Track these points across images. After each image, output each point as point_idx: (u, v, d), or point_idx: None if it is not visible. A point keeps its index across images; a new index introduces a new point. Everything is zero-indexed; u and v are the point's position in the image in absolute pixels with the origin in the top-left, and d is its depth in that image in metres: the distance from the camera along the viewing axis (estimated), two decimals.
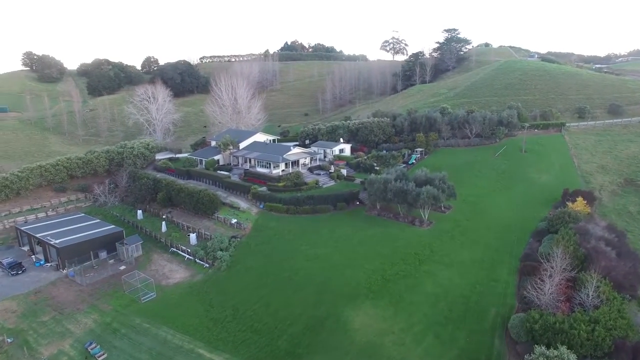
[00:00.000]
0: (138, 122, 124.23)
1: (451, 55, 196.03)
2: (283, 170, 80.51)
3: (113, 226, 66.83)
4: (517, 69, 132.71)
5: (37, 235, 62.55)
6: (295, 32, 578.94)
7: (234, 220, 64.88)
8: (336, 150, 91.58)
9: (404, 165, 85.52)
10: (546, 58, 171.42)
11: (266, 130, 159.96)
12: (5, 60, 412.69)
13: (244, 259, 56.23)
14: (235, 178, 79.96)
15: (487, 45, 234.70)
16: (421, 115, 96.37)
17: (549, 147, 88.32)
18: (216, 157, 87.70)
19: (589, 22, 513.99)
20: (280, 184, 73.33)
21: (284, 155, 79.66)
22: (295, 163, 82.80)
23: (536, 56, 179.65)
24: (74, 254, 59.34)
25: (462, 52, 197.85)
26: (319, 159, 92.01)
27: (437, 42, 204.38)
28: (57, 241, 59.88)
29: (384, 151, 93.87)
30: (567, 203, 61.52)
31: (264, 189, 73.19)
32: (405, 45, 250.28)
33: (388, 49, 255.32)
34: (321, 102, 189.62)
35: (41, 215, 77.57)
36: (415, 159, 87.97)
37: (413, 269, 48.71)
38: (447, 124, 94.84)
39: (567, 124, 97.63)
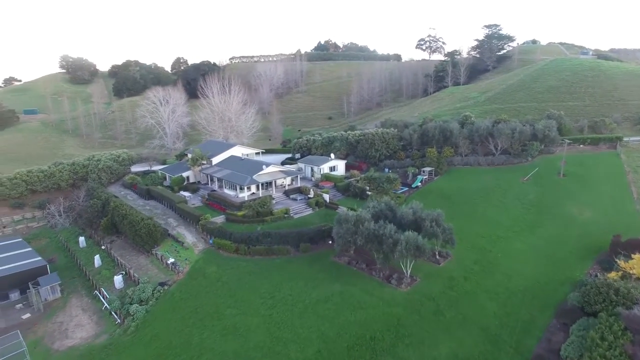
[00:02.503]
0: (149, 126, 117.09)
1: (491, 54, 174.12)
2: (253, 194, 67.05)
3: (39, 259, 56.60)
4: (565, 68, 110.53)
5: None
6: (330, 31, 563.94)
7: (170, 260, 52.22)
8: (325, 168, 76.65)
9: (404, 189, 69.12)
10: (604, 55, 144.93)
11: (285, 135, 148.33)
12: (47, 64, 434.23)
13: (158, 319, 43.21)
14: (195, 201, 67.61)
15: (534, 42, 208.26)
16: (434, 126, 79.03)
17: (598, 170, 68.21)
18: (185, 174, 75.92)
19: None
20: (240, 213, 59.91)
21: (254, 176, 66.07)
22: (270, 184, 69.04)
23: (590, 53, 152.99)
24: None
25: (503, 51, 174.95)
26: (306, 178, 77.73)
27: (476, 40, 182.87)
28: None
29: (385, 170, 77.96)
30: (618, 259, 42.94)
31: (220, 218, 60.17)
32: (443, 43, 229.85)
33: (424, 47, 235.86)
34: (346, 104, 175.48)
35: None
36: (421, 181, 71.27)
37: None
38: (466, 137, 76.96)
39: (624, 139, 76.33)
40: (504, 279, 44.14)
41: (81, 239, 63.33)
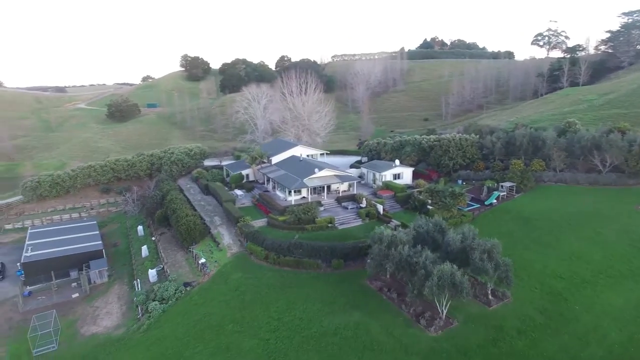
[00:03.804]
0: (243, 121, 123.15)
1: (628, 48, 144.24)
2: (303, 198, 63.54)
3: (98, 243, 60.93)
4: None
5: (27, 243, 60.61)
6: (437, 28, 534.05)
7: (201, 260, 51.34)
8: (388, 175, 69.33)
9: (475, 206, 58.74)
10: None
11: (377, 135, 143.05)
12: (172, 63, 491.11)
13: (170, 321, 42.07)
14: (245, 200, 66.56)
15: None
16: (522, 134, 65.95)
17: None
18: (245, 172, 75.72)
19: None
20: (281, 218, 56.71)
21: (304, 179, 62.33)
22: (322, 189, 64.62)
23: None
24: (40, 271, 54.69)
25: None
26: (368, 185, 71.56)
27: (609, 32, 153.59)
28: (27, 254, 56.25)
29: (459, 181, 67.85)
30: None
31: (263, 221, 57.77)
32: (565, 38, 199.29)
33: (542, 43, 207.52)
34: (444, 105, 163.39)
35: (75, 215, 78.29)
36: (497, 198, 59.87)
37: None
38: (563, 149, 62.63)
39: None
40: (576, 344, 32.99)
41: (139, 227, 66.89)
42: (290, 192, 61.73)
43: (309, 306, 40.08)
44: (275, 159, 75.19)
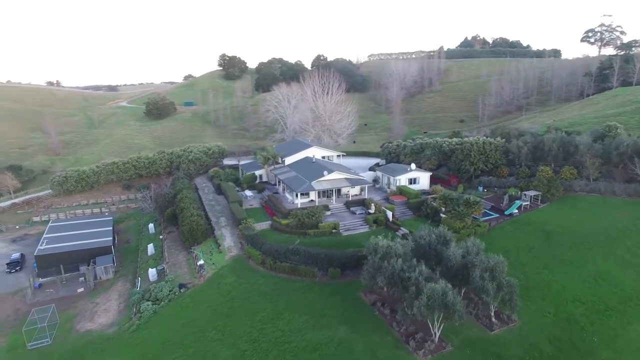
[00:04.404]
0: (273, 119, 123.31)
1: None
2: (312, 201, 61.53)
3: (109, 239, 62.00)
4: None
5: (43, 236, 62.79)
6: (478, 26, 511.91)
7: (200, 262, 50.62)
8: (403, 179, 65.67)
9: (494, 215, 54.17)
10: None
11: (408, 137, 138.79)
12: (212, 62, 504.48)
13: (158, 323, 41.41)
14: (254, 202, 65.42)
15: None
16: (552, 138, 60.15)
17: None
18: (258, 172, 74.71)
19: None
20: (284, 222, 54.93)
21: (312, 182, 60.24)
22: (332, 192, 62.21)
23: None
24: (51, 264, 56.30)
25: None
26: (382, 189, 68.38)
27: None
28: (41, 247, 58.08)
29: (479, 188, 63.20)
30: None
31: (266, 224, 56.30)
32: (621, 33, 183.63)
33: (593, 40, 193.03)
34: (481, 107, 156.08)
35: (96, 210, 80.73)
36: (518, 208, 54.85)
37: None
38: (599, 155, 56.43)
39: None
40: None
41: (151, 225, 67.56)
42: (297, 194, 59.84)
43: (295, 317, 37.99)
44: (289, 160, 73.64)
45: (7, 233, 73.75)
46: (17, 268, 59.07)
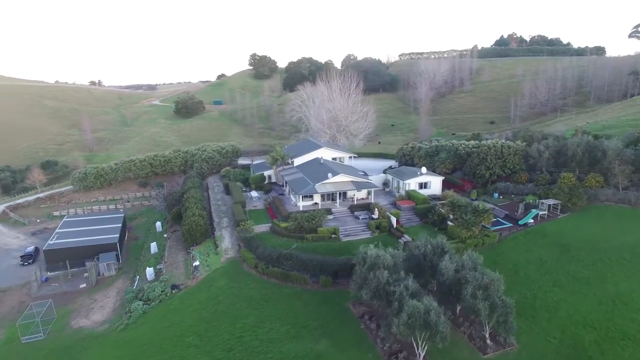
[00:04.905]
0: (297, 119, 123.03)
1: None
2: (315, 204, 59.70)
3: (115, 236, 62.84)
4: None
5: (56, 231, 64.54)
6: (515, 23, 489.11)
7: (195, 263, 50.07)
8: (412, 183, 62.53)
9: (507, 225, 50.33)
10: None
11: (435, 137, 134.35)
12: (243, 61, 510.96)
13: (145, 324, 41.01)
14: (259, 203, 64.34)
15: None
16: (576, 142, 55.18)
17: None
18: (267, 173, 73.66)
19: None
20: (283, 225, 53.43)
21: (316, 185, 58.42)
22: (337, 195, 60.09)
23: None
24: (59, 258, 57.65)
25: None
26: (392, 193, 65.60)
27: None
28: (51, 242, 59.60)
29: (495, 194, 59.22)
30: None
31: (266, 226, 55.00)
32: None
33: None
34: (513, 108, 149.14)
35: (112, 207, 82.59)
36: (534, 217, 50.63)
37: None
38: (630, 162, 51.12)
39: None
40: None
41: (158, 223, 68.04)
42: (300, 197, 58.22)
43: (277, 327, 36.38)
44: (298, 161, 72.13)
45: (29, 226, 76.70)
46: (30, 261, 60.97)
